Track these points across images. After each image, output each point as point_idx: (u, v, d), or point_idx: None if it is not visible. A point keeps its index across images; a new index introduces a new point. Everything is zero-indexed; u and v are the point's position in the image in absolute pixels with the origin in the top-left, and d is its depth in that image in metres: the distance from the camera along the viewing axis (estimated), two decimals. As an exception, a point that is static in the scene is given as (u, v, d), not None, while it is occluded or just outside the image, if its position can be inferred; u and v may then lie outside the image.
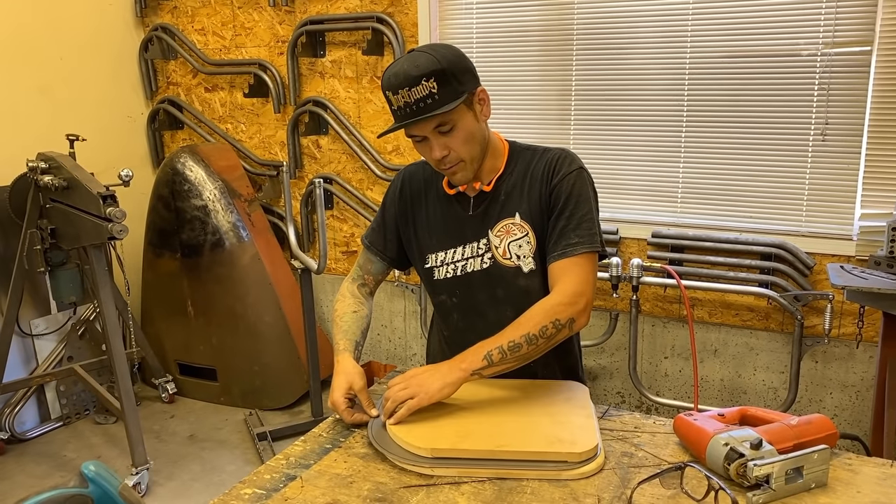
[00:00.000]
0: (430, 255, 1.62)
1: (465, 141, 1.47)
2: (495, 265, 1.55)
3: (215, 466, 3.08)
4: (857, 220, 2.70)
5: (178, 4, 3.91)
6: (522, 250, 1.53)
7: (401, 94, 1.40)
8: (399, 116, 1.44)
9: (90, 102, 3.75)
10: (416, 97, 1.39)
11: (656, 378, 3.16)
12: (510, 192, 1.55)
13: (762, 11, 2.72)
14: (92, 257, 2.81)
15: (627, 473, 1.21)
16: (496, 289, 1.57)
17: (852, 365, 2.79)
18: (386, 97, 1.45)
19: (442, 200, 1.61)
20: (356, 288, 1.72)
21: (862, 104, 2.63)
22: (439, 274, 1.61)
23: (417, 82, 1.39)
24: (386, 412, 1.34)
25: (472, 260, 1.57)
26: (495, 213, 1.55)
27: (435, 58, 1.41)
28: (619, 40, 2.99)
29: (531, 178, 1.54)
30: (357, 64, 3.52)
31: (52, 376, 3.35)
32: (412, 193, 1.65)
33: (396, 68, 1.42)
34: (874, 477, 1.19)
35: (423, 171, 1.66)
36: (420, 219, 1.64)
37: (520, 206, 1.54)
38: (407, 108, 1.41)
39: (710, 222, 2.97)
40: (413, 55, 1.43)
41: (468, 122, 1.47)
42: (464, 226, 1.58)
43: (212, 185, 3.54)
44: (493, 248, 1.55)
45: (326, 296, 3.89)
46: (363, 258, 1.74)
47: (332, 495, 1.16)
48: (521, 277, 1.54)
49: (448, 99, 1.41)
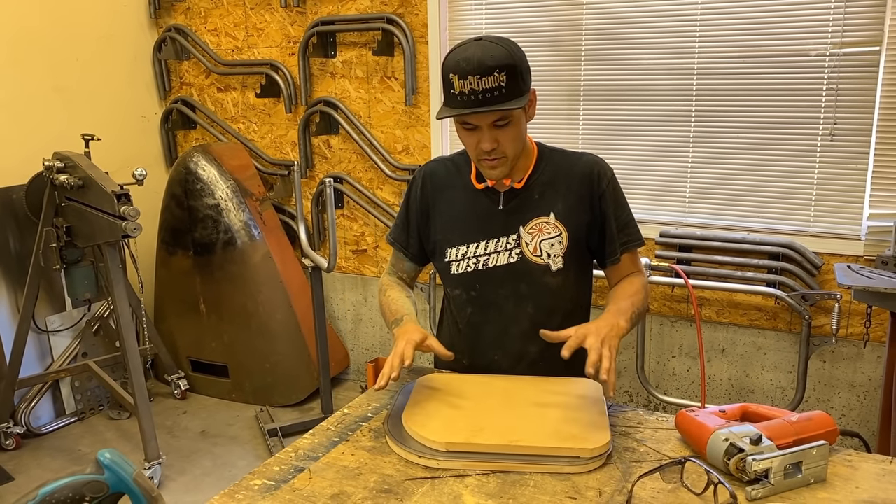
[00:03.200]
0: (450, 249, 1.64)
1: (514, 138, 1.50)
2: (523, 261, 1.58)
3: (227, 462, 3.12)
4: (866, 219, 2.70)
5: (191, 5, 3.96)
6: (554, 249, 1.58)
7: (469, 80, 1.40)
8: (460, 102, 1.43)
9: (105, 102, 3.81)
10: (485, 87, 1.40)
11: (664, 377, 3.18)
12: (544, 192, 1.59)
13: (771, 11, 2.73)
14: (106, 255, 2.86)
15: (629, 467, 1.23)
16: (520, 284, 1.60)
17: (860, 365, 2.79)
18: (447, 80, 1.44)
19: (469, 194, 1.63)
20: (396, 279, 1.76)
21: (871, 104, 2.63)
22: (458, 268, 1.63)
23: (490, 72, 1.39)
24: (604, 369, 1.30)
25: (496, 255, 1.60)
26: (529, 209, 1.59)
27: (508, 51, 1.43)
28: (627, 40, 3.00)
29: (568, 181, 1.59)
30: (367, 64, 3.55)
31: (66, 372, 3.40)
32: (434, 189, 1.67)
33: (468, 53, 1.41)
34: (873, 473, 1.20)
35: (444, 167, 1.69)
36: (441, 213, 1.66)
37: (555, 206, 1.58)
38: (472, 95, 1.41)
39: (718, 222, 2.98)
40: (484, 44, 1.43)
41: (521, 121, 1.51)
42: (492, 220, 1.60)
43: (224, 184, 3.58)
44: (523, 244, 1.58)
45: (336, 294, 3.93)
46: (393, 257, 1.78)
47: (339, 486, 1.19)
48: (548, 275, 1.58)
49: (514, 94, 1.43)
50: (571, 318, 1.67)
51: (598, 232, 1.61)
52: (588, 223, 1.59)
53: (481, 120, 1.46)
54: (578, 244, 1.60)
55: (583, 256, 1.64)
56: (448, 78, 1.44)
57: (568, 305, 1.65)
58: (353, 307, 3.90)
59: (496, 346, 1.65)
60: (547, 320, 1.62)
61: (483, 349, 1.66)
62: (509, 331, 1.63)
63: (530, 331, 1.62)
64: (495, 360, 1.65)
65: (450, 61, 1.44)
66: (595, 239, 1.62)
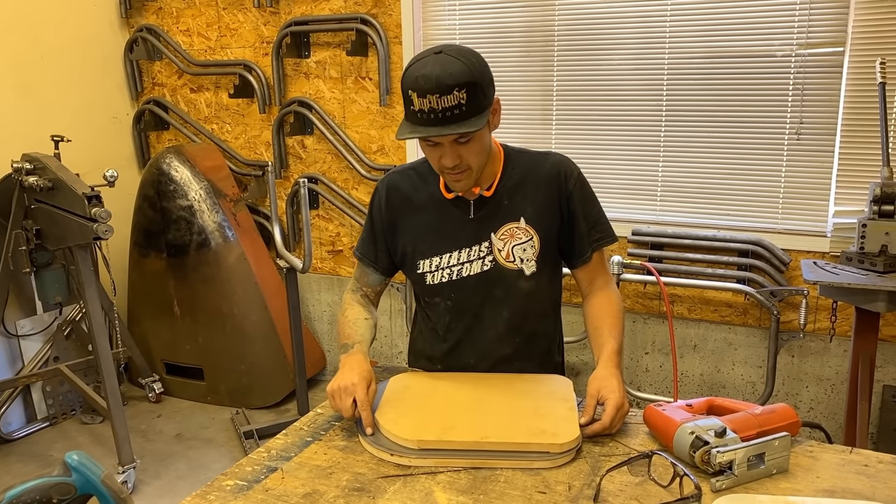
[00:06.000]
0: (423, 261, 1.62)
1: (478, 152, 1.48)
2: (497, 268, 1.58)
3: (202, 465, 3.11)
4: (832, 217, 2.76)
5: (163, 5, 3.92)
6: (526, 254, 1.58)
7: (428, 99, 1.36)
8: (421, 120, 1.40)
9: (75, 103, 3.76)
10: (445, 105, 1.36)
11: (637, 373, 3.22)
12: (513, 196, 1.59)
13: (738, 14, 2.78)
14: (77, 257, 2.82)
15: (598, 462, 1.25)
16: (495, 290, 1.60)
17: (827, 359, 2.85)
18: (406, 96, 1.40)
19: (437, 204, 1.62)
20: (359, 297, 1.73)
21: (835, 104, 2.69)
22: (433, 279, 1.62)
23: (449, 91, 1.35)
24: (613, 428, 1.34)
25: (469, 264, 1.59)
26: (499, 216, 1.59)
27: (468, 67, 1.38)
28: (599, 42, 3.04)
29: (536, 183, 1.59)
30: (342, 65, 3.55)
31: (38, 377, 3.35)
32: (399, 201, 1.65)
33: (426, 71, 1.37)
34: (833, 463, 1.23)
35: (408, 177, 1.66)
36: (409, 225, 1.64)
37: (525, 211, 1.58)
38: (432, 113, 1.37)
39: (689, 220, 3.02)
40: (444, 59, 1.38)
41: (484, 134, 1.48)
42: (463, 230, 1.59)
43: (197, 185, 3.56)
44: (495, 250, 1.58)
45: (312, 295, 3.92)
46: (359, 271, 1.74)
47: (312, 486, 1.20)
48: (522, 280, 1.59)
49: (474, 112, 1.39)
50: (545, 319, 1.70)
51: (568, 232, 1.62)
52: (558, 225, 1.60)
53: (442, 138, 1.43)
54: (550, 247, 1.61)
55: (554, 258, 1.65)
56: (407, 94, 1.40)
57: (542, 307, 1.67)
58: (330, 308, 3.89)
59: (472, 351, 1.66)
60: (522, 323, 1.64)
61: (460, 354, 1.67)
62: (485, 335, 1.64)
63: (506, 334, 1.64)
64: (471, 363, 1.66)
65: (409, 77, 1.40)
66: (565, 239, 1.62)
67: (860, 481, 1.17)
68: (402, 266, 1.70)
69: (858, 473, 1.20)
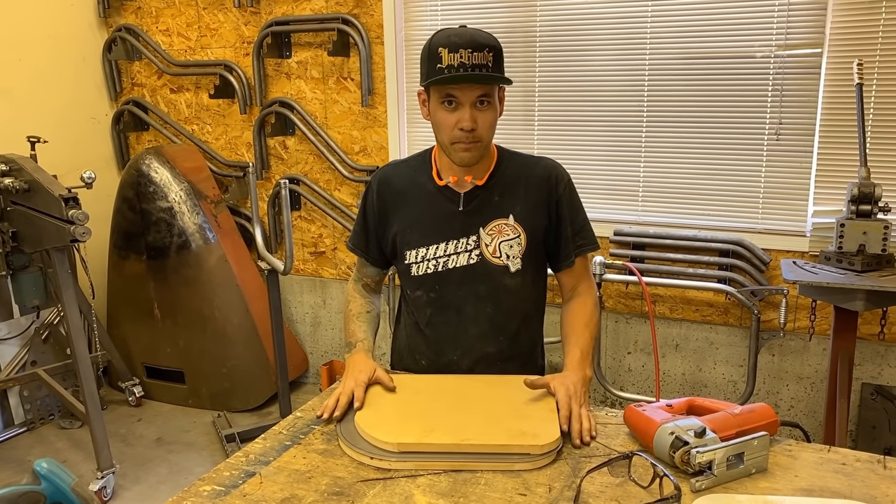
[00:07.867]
0: (410, 252, 1.65)
1: (491, 124, 1.54)
2: (482, 262, 1.61)
3: (183, 469, 3.07)
4: (811, 216, 2.78)
5: (142, 5, 3.88)
6: (513, 250, 1.61)
7: (461, 53, 1.44)
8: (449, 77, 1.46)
9: (52, 104, 3.71)
10: (476, 62, 1.45)
11: (620, 373, 3.23)
12: (503, 193, 1.62)
13: (718, 15, 2.80)
14: (55, 260, 2.78)
15: (578, 463, 1.25)
16: (479, 285, 1.62)
17: (807, 358, 2.87)
18: (434, 54, 1.47)
19: (428, 196, 1.64)
20: (361, 287, 1.79)
21: (813, 104, 2.71)
22: (418, 270, 1.64)
23: (481, 49, 1.46)
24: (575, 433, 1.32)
25: (455, 256, 1.61)
26: (488, 211, 1.61)
27: (494, 38, 1.51)
28: (581, 43, 3.04)
29: (527, 184, 1.62)
30: (323, 65, 3.53)
31: (15, 381, 3.30)
32: (391, 193, 1.68)
33: (458, 31, 1.48)
34: (812, 462, 1.24)
35: (400, 170, 1.70)
36: (400, 217, 1.66)
37: (514, 208, 1.61)
38: (462, 68, 1.45)
39: (670, 220, 3.04)
40: (470, 29, 1.50)
41: (497, 107, 1.56)
42: (452, 222, 1.62)
43: (177, 186, 3.52)
44: (482, 245, 1.60)
45: (295, 296, 3.90)
46: (358, 262, 1.80)
47: (290, 490, 1.18)
48: (507, 276, 1.61)
49: (497, 78, 1.49)
50: (528, 319, 1.71)
51: (554, 235, 1.65)
52: (545, 226, 1.63)
53: (466, 94, 1.48)
54: (536, 246, 1.63)
55: (540, 258, 1.67)
56: (436, 52, 1.47)
57: (525, 306, 1.69)
58: (312, 310, 3.87)
59: (455, 346, 1.66)
60: (505, 321, 1.65)
61: (442, 349, 1.67)
62: (468, 331, 1.65)
63: (489, 331, 1.64)
64: (454, 360, 1.66)
65: (439, 38, 1.48)
66: (551, 241, 1.65)
67: (838, 480, 1.18)
68: (392, 259, 1.72)
69: (836, 472, 1.20)
